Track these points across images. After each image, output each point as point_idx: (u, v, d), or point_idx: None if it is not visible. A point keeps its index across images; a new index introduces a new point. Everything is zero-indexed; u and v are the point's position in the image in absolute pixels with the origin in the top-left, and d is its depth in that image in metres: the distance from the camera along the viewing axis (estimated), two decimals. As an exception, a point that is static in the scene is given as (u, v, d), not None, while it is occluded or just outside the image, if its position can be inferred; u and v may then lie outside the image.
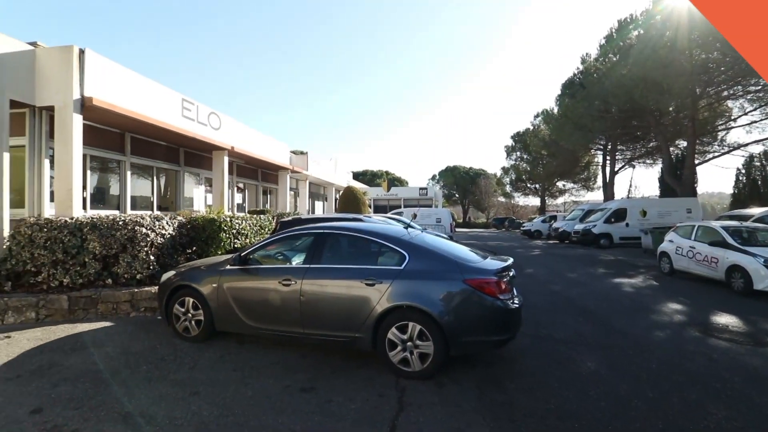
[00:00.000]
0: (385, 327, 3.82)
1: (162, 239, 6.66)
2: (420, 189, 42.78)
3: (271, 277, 4.35)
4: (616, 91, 20.70)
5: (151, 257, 6.36)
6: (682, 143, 24.07)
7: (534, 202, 53.60)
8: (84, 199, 7.95)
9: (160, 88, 9.22)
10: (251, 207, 15.88)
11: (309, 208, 21.00)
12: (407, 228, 4.73)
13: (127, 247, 6.14)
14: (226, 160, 11.80)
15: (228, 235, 8.13)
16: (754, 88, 18.11)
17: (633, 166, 30.75)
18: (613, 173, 28.95)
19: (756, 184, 21.12)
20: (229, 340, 4.75)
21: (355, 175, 43.30)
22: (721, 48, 15.85)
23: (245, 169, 15.23)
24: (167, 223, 6.92)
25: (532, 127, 41.64)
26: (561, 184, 44.53)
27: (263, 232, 9.61)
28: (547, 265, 12.27)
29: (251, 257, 4.65)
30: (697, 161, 21.79)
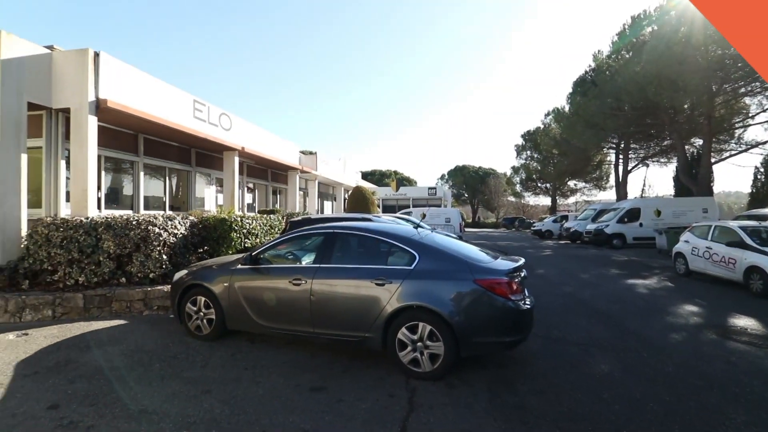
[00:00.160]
0: (395, 327, 3.80)
1: (174, 239, 6.75)
2: (429, 189, 42.64)
3: (282, 276, 4.37)
4: (629, 89, 20.35)
5: (164, 256, 6.44)
6: (698, 141, 23.59)
7: (545, 201, 53.10)
8: (99, 199, 8.09)
9: (172, 89, 9.34)
10: (261, 207, 16.00)
11: (318, 208, 21.08)
12: (417, 228, 4.71)
13: (140, 247, 6.24)
14: (236, 160, 11.91)
15: (239, 235, 8.21)
16: (772, 85, 17.65)
17: (647, 165, 30.27)
18: (626, 172, 28.49)
19: (774, 183, 20.58)
20: (240, 339, 4.79)
21: (364, 175, 43.35)
22: (738, 44, 15.44)
23: (255, 169, 15.35)
24: (179, 222, 7.01)
25: (542, 126, 41.20)
26: (572, 184, 43.98)
27: (273, 231, 9.67)
28: (559, 266, 12.12)
29: (262, 257, 4.68)
30: (713, 160, 21.32)
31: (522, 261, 4.20)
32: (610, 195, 43.31)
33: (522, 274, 4.03)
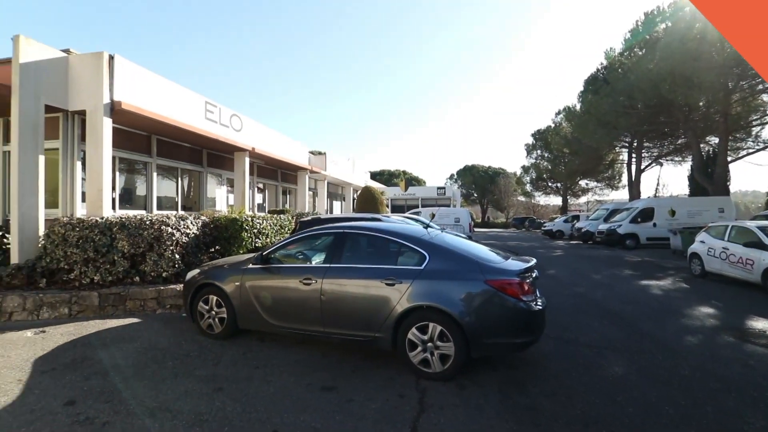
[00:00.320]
0: (405, 327, 3.80)
1: (186, 238, 6.84)
2: (438, 188, 42.48)
3: (292, 276, 4.40)
4: (642, 86, 20.00)
5: (177, 256, 6.53)
6: (714, 140, 23.10)
7: (555, 201, 52.53)
8: (113, 200, 8.24)
9: (184, 91, 9.46)
10: (271, 207, 16.12)
11: (327, 207, 21.15)
12: (426, 228, 4.69)
13: (153, 246, 6.33)
14: (247, 161, 12.02)
15: (249, 235, 8.28)
16: (792, 81, 17.19)
17: (660, 164, 29.74)
18: (639, 171, 28.00)
19: (794, 181, 20.07)
20: (251, 338, 4.83)
21: (373, 175, 43.37)
22: (756, 39, 15.08)
23: (265, 169, 15.48)
24: (191, 222, 7.10)
25: (553, 125, 40.80)
26: (584, 183, 43.41)
27: (283, 231, 9.74)
28: (571, 266, 11.97)
29: (273, 256, 4.72)
30: (729, 158, 20.86)
31: (533, 261, 4.16)
32: (622, 194, 42.75)
33: (534, 275, 3.99)
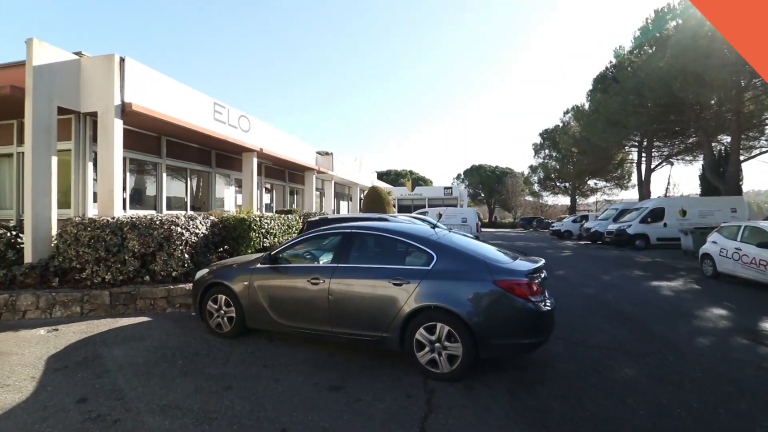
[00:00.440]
0: (413, 327, 3.79)
1: (196, 238, 6.91)
2: (445, 188, 42.32)
3: (300, 275, 4.42)
4: (652, 85, 19.75)
5: (186, 255, 6.60)
6: (726, 138, 22.73)
7: (564, 201, 52.09)
8: (124, 200, 8.35)
9: (193, 92, 9.56)
10: (279, 207, 16.21)
11: (334, 207, 21.20)
12: (434, 228, 4.68)
13: (163, 246, 6.40)
14: (255, 161, 12.10)
15: (257, 235, 8.34)
16: (807, 78, 16.83)
17: (671, 163, 29.33)
18: (649, 171, 27.62)
19: (809, 181, 19.68)
20: (260, 337, 4.86)
21: (380, 175, 43.40)
22: (769, 36, 14.81)
23: (273, 170, 15.56)
24: (200, 222, 7.17)
25: (561, 124, 40.47)
26: (592, 183, 42.98)
27: (291, 231, 9.79)
28: (579, 267, 11.86)
29: (281, 256, 4.74)
30: (742, 157, 20.52)
31: (542, 262, 4.13)
32: (632, 194, 42.29)
33: (542, 275, 3.96)
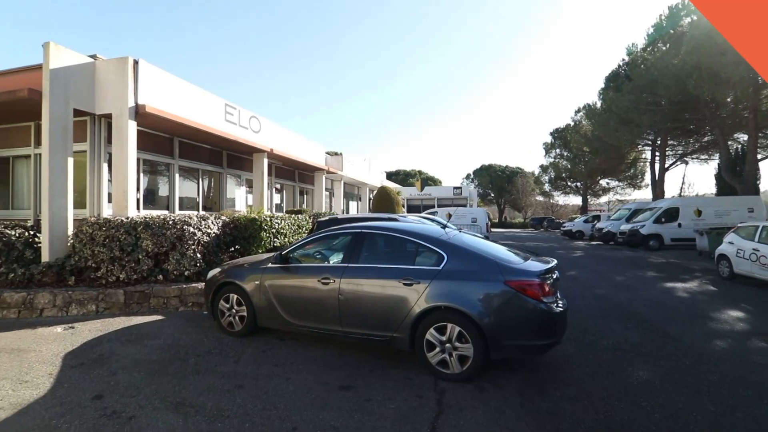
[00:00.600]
0: (423, 327, 3.79)
1: (208, 238, 6.99)
2: (454, 188, 42.15)
3: (311, 275, 4.44)
4: (666, 82, 19.40)
5: (198, 255, 6.68)
6: (742, 137, 22.23)
7: (575, 201, 51.48)
8: (137, 200, 8.48)
9: (204, 94, 9.67)
10: (289, 207, 16.31)
11: (343, 208, 21.25)
12: (444, 228, 4.66)
13: (176, 245, 6.49)
14: (265, 162, 12.20)
15: (268, 234, 8.41)
16: (828, 75, 16.34)
17: (685, 163, 28.75)
18: (663, 170, 27.13)
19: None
20: (271, 336, 4.90)
21: (389, 175, 43.36)
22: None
23: (283, 170, 15.67)
24: (212, 222, 7.25)
25: (572, 123, 40.06)
26: (604, 182, 42.43)
27: (301, 231, 9.84)
28: (591, 268, 11.71)
29: (291, 256, 4.77)
30: (759, 156, 20.05)
31: (554, 262, 4.08)
32: (645, 194, 41.66)
33: (554, 276, 3.92)
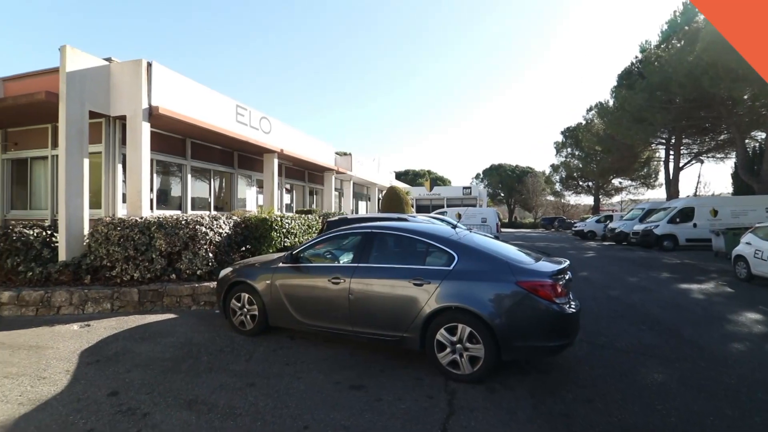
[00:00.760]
0: (433, 328, 3.78)
1: (219, 237, 7.06)
2: (464, 188, 41.94)
3: (321, 275, 4.46)
4: (681, 80, 19.02)
5: (210, 254, 6.76)
6: (760, 135, 21.70)
7: (587, 200, 50.85)
8: (151, 200, 8.61)
9: (216, 95, 9.78)
10: (299, 207, 16.40)
11: (353, 208, 21.30)
12: (454, 228, 4.65)
13: (188, 245, 6.58)
14: (275, 162, 12.29)
15: (279, 234, 8.47)
16: None
17: (701, 161, 28.19)
18: (678, 169, 26.61)
19: None
20: (281, 335, 4.93)
21: (398, 175, 43.33)
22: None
23: (293, 170, 15.77)
24: (224, 222, 7.33)
25: (584, 122, 39.52)
26: (617, 182, 41.84)
27: (311, 231, 9.89)
28: (604, 269, 11.54)
29: (302, 255, 4.80)
30: (778, 154, 19.51)
31: (567, 263, 4.04)
32: (659, 193, 40.93)
33: (567, 277, 3.88)
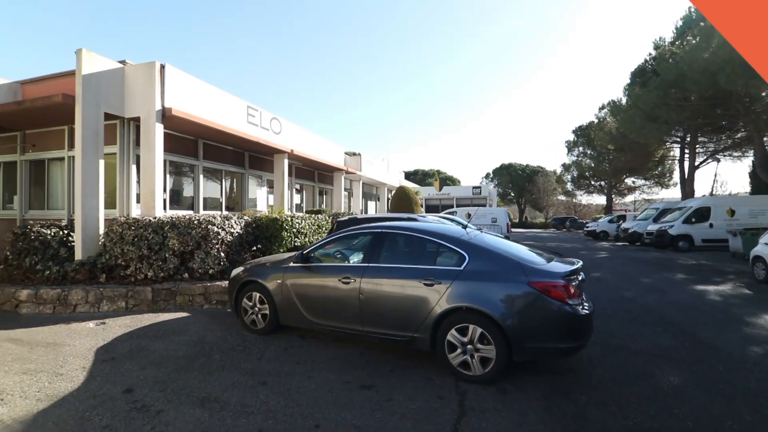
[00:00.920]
0: (444, 328, 3.76)
1: (231, 237, 7.14)
2: (473, 188, 41.71)
3: (332, 275, 4.47)
4: (696, 77, 18.62)
5: (222, 254, 6.83)
6: (779, 132, 21.11)
7: (599, 200, 50.07)
8: (164, 201, 8.73)
9: (227, 96, 9.88)
10: (308, 207, 16.49)
11: (362, 207, 21.34)
12: (465, 228, 4.62)
13: (201, 245, 6.66)
14: (286, 162, 12.37)
15: (289, 234, 8.52)
16: None
17: (717, 160, 27.50)
18: (693, 168, 26.03)
19: None
20: (292, 334, 4.96)
21: (407, 175, 43.27)
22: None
23: (303, 170, 15.86)
24: (235, 222, 7.41)
25: (596, 120, 38.93)
26: (630, 181, 41.06)
27: (321, 231, 9.94)
28: (617, 269, 11.36)
29: (312, 255, 4.82)
30: (799, 153, 19.00)
31: (580, 263, 3.99)
32: (673, 193, 40.13)
33: (580, 278, 3.83)
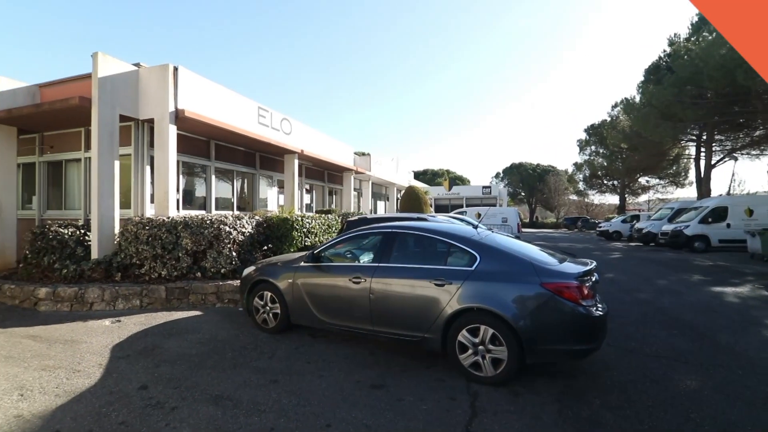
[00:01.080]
0: (455, 329, 3.74)
1: (242, 237, 7.21)
2: (483, 188, 41.42)
3: (342, 274, 4.49)
4: (713, 73, 18.21)
5: (234, 253, 6.91)
6: (801, 130, 20.55)
7: (612, 200, 49.37)
8: (177, 201, 8.86)
9: (239, 97, 9.98)
10: (318, 207, 16.56)
11: (371, 207, 21.35)
12: (476, 228, 4.59)
13: (213, 244, 6.74)
14: (296, 162, 12.45)
15: (299, 234, 8.57)
16: None
17: (735, 159, 26.86)
18: (710, 167, 25.46)
19: None
20: (303, 334, 4.99)
21: (416, 175, 43.20)
22: None
23: (312, 170, 15.93)
24: (246, 222, 7.48)
25: (609, 119, 38.36)
26: (644, 180, 40.36)
27: (331, 230, 9.97)
28: (631, 270, 11.17)
29: (323, 255, 4.84)
30: (821, 151, 18.46)
31: (593, 264, 3.93)
32: (689, 192, 39.24)
33: (593, 278, 3.77)
